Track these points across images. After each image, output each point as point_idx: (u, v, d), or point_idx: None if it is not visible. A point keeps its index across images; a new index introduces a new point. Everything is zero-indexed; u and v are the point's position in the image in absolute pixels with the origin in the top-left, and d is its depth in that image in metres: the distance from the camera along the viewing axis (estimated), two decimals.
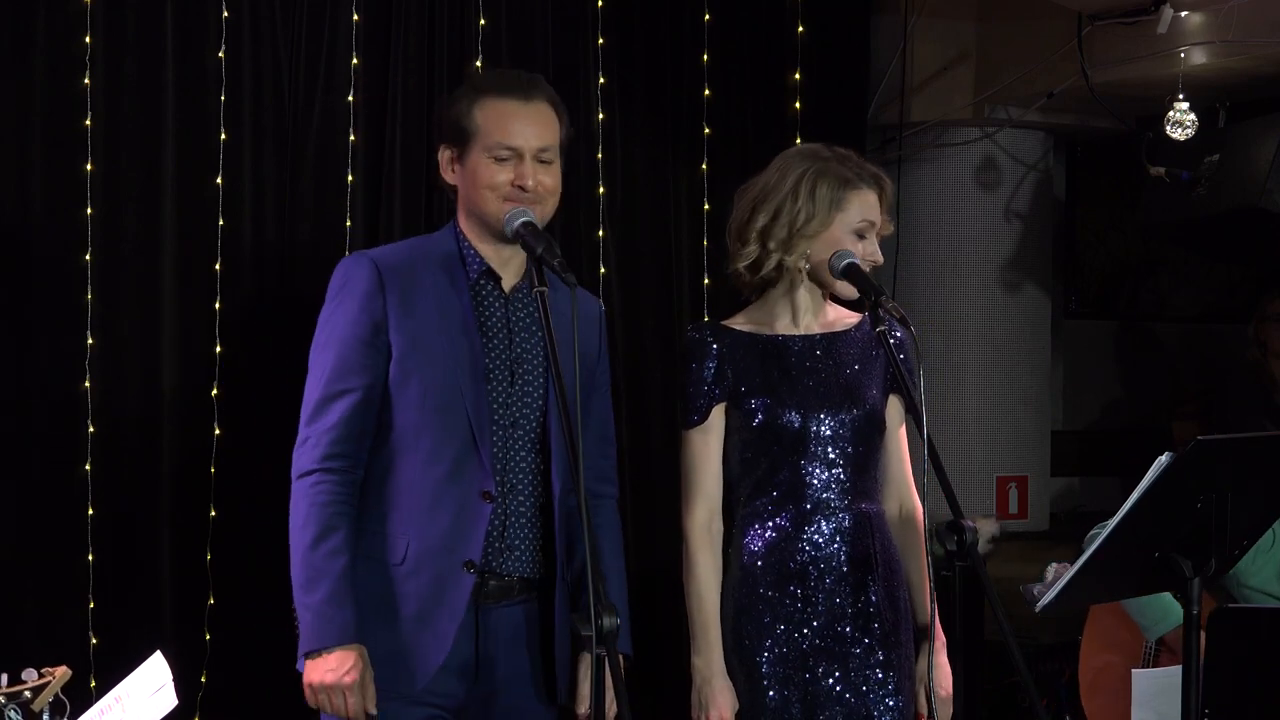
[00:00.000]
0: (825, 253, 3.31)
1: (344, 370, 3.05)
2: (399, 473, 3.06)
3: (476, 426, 3.04)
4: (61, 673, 2.56)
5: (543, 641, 3.12)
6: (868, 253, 3.32)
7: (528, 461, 3.10)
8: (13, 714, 2.51)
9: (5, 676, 2.56)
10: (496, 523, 3.06)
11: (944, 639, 3.34)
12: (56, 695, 2.56)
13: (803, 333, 3.36)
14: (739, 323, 3.41)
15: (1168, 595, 3.91)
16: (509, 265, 3.14)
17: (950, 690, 3.31)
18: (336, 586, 2.97)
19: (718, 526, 3.38)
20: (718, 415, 3.36)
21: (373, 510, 3.07)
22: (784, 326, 3.37)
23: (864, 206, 3.32)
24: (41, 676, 2.56)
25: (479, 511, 3.04)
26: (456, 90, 3.20)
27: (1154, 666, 3.94)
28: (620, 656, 2.63)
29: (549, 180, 3.08)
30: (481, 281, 3.13)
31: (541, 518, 3.11)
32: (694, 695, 3.34)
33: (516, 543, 3.09)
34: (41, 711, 2.54)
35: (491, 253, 3.13)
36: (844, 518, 3.29)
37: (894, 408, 3.39)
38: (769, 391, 3.31)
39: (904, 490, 3.41)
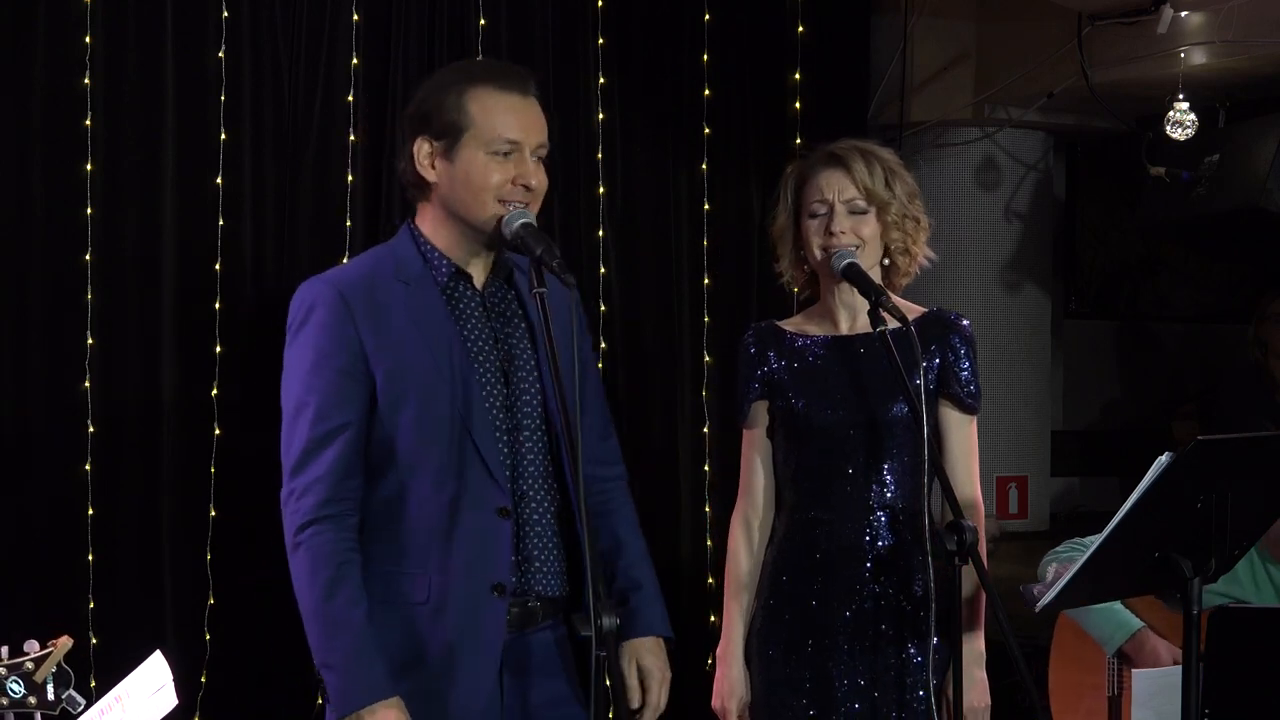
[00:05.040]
0: (807, 249, 3.32)
1: (329, 409, 2.82)
2: (406, 504, 2.84)
3: (479, 439, 2.84)
4: (63, 642, 2.55)
5: (578, 663, 2.92)
6: (826, 228, 3.26)
7: (538, 465, 2.92)
8: (14, 685, 2.50)
9: (6, 649, 2.55)
10: (517, 539, 2.87)
11: (981, 650, 3.31)
12: (60, 665, 2.54)
13: (845, 333, 3.36)
14: (791, 322, 3.43)
15: (1118, 606, 3.90)
16: (478, 263, 2.95)
17: (984, 703, 3.29)
18: (360, 639, 2.75)
19: (760, 522, 3.39)
20: (759, 413, 3.39)
21: (383, 549, 2.84)
22: (827, 327, 3.38)
23: (815, 187, 3.30)
24: (44, 648, 2.55)
25: (498, 530, 2.84)
26: (437, 78, 2.96)
27: (1117, 680, 3.94)
28: (663, 640, 2.59)
29: (544, 178, 2.93)
30: (452, 284, 2.92)
31: (560, 525, 2.92)
32: (714, 682, 3.39)
33: (537, 555, 2.89)
34: (45, 681, 2.52)
35: (461, 253, 2.92)
36: (875, 518, 3.28)
37: (945, 411, 3.33)
38: (803, 390, 3.32)
39: (957, 494, 3.19)
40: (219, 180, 5.03)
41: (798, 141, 5.77)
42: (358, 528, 2.83)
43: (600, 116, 5.63)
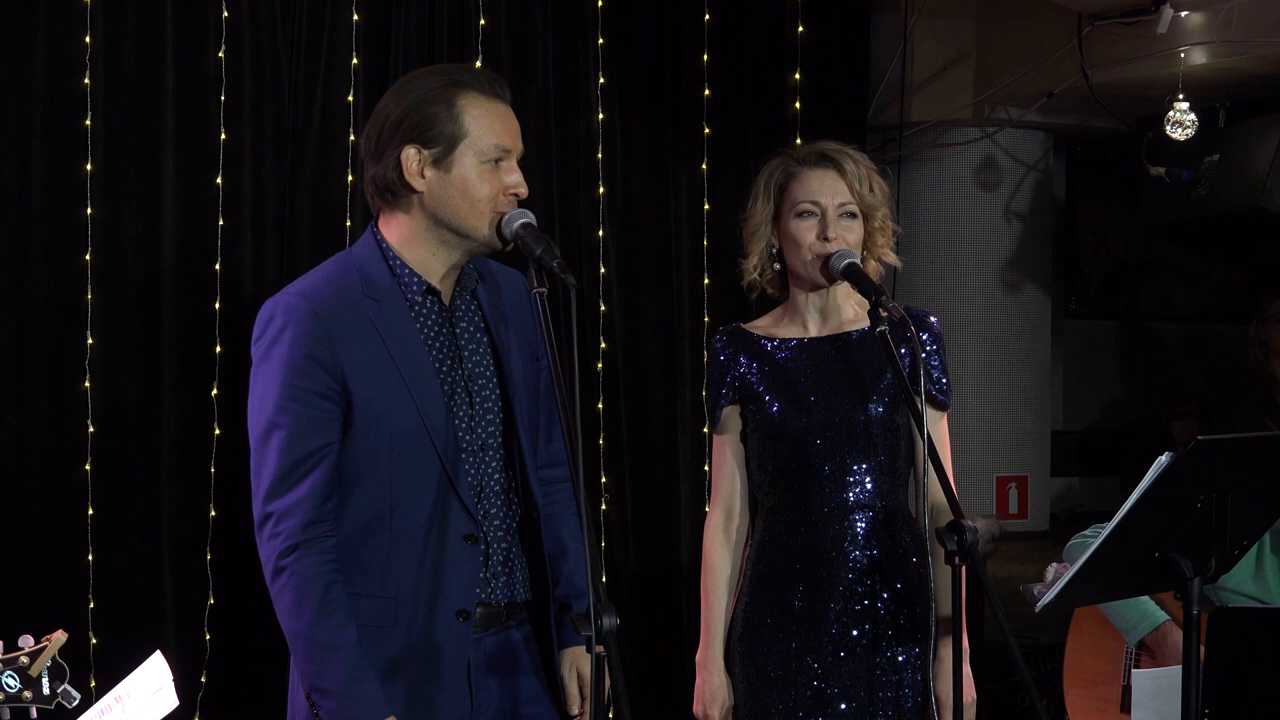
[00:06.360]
0: (791, 248, 3.30)
1: (305, 432, 2.78)
2: (376, 529, 2.82)
3: (449, 463, 2.83)
4: (58, 637, 2.55)
5: (543, 659, 2.97)
6: (822, 232, 3.25)
7: (500, 482, 2.92)
8: (9, 680, 2.50)
9: (1, 643, 2.56)
10: (483, 560, 2.88)
11: (966, 645, 3.29)
12: (55, 659, 2.54)
13: (815, 335, 3.36)
14: (759, 325, 3.42)
15: (1145, 598, 3.90)
16: (448, 277, 2.90)
17: (971, 697, 3.29)
18: (353, 662, 2.75)
19: (736, 526, 3.40)
20: (731, 417, 3.38)
21: (351, 574, 2.81)
22: (797, 329, 3.37)
23: (806, 188, 3.28)
24: (38, 642, 2.55)
25: (465, 556, 2.85)
26: (416, 84, 2.86)
27: (1135, 669, 3.94)
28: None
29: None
30: (421, 301, 2.88)
31: (520, 536, 2.94)
32: (695, 688, 3.38)
33: (503, 569, 2.91)
34: (40, 676, 2.53)
35: (434, 265, 2.88)
36: (854, 518, 3.28)
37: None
38: (776, 393, 3.31)
39: (932, 493, 3.22)
40: (219, 180, 5.03)
41: (798, 141, 5.77)
42: (335, 549, 2.81)
43: (600, 116, 5.63)
